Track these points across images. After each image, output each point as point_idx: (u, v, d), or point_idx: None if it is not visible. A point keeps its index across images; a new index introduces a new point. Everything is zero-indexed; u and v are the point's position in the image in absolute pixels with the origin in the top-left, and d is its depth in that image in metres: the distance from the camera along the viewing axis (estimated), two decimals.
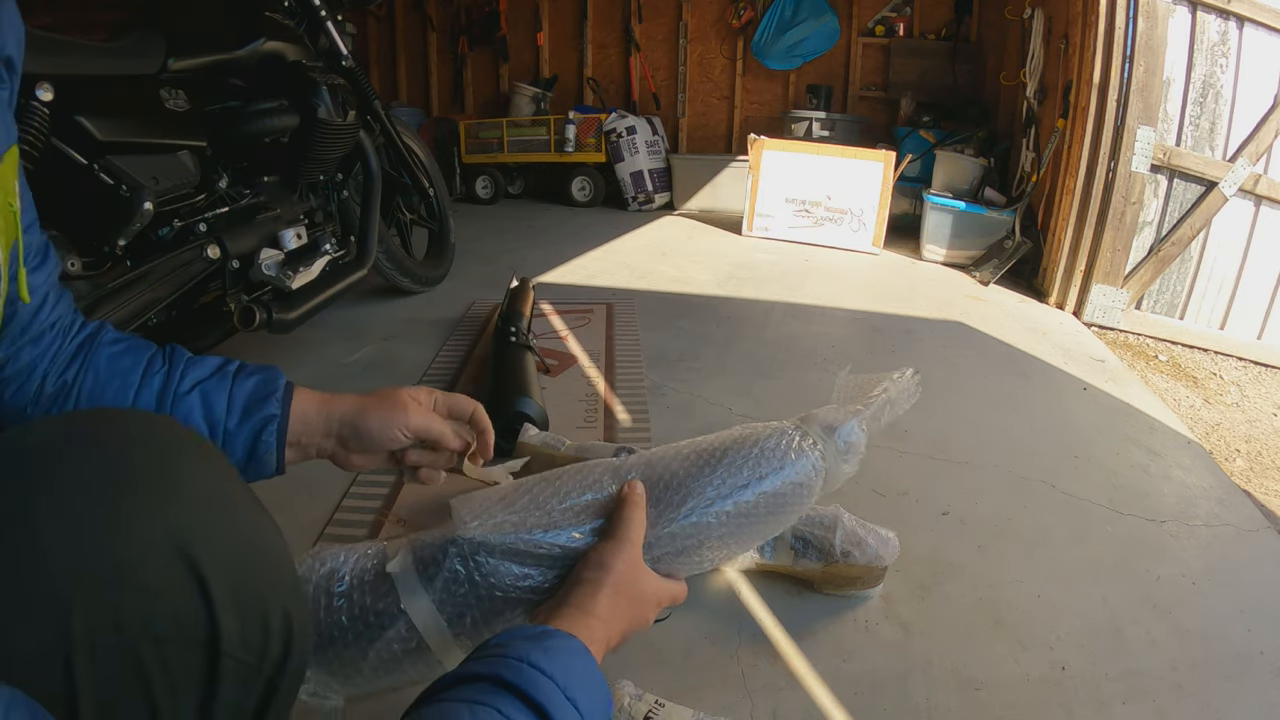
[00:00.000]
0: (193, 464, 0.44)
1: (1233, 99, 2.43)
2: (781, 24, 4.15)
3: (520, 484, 0.66)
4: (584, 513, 0.63)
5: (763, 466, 0.67)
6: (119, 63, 1.22)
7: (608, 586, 0.57)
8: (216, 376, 0.62)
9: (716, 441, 0.70)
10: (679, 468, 0.67)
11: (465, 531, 0.59)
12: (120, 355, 0.60)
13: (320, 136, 1.61)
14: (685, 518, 0.65)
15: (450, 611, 0.59)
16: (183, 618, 0.40)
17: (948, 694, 0.87)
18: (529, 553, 0.60)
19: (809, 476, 0.69)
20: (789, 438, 0.70)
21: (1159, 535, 1.21)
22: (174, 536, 0.40)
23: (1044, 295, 2.74)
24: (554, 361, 1.83)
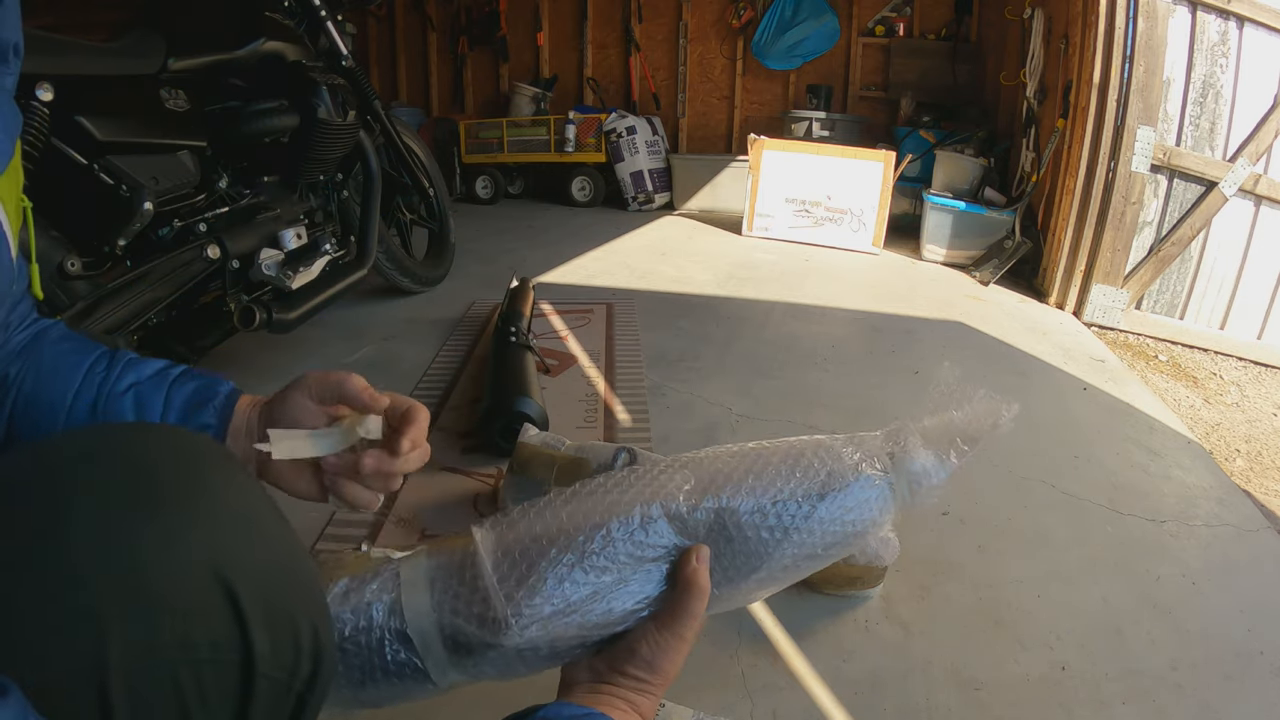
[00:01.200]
0: (221, 481, 0.43)
1: (1233, 99, 2.43)
2: (781, 24, 4.16)
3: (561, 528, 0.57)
4: (637, 580, 0.57)
5: (835, 525, 0.61)
6: (119, 63, 1.22)
7: (655, 688, 0.56)
8: (153, 379, 0.59)
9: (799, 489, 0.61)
10: (757, 532, 0.59)
11: (509, 640, 0.54)
12: (65, 354, 0.58)
13: (320, 136, 1.61)
14: (754, 586, 0.61)
15: (487, 677, 0.57)
16: (217, 638, 0.39)
17: (948, 694, 0.87)
18: (576, 639, 0.56)
19: (869, 535, 0.64)
20: (875, 493, 0.62)
21: (1159, 535, 1.21)
22: (206, 556, 0.39)
23: (1044, 295, 2.75)
24: (554, 361, 1.83)
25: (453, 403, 1.60)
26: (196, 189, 1.38)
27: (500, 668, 0.55)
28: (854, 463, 0.63)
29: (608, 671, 0.56)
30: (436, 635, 0.54)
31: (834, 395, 1.70)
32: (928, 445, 0.65)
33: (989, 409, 0.69)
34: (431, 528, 1.15)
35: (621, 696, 0.54)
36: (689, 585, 0.56)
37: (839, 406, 1.63)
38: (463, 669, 0.55)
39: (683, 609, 0.56)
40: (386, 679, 0.55)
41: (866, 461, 0.63)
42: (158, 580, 0.37)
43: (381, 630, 0.54)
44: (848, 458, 0.63)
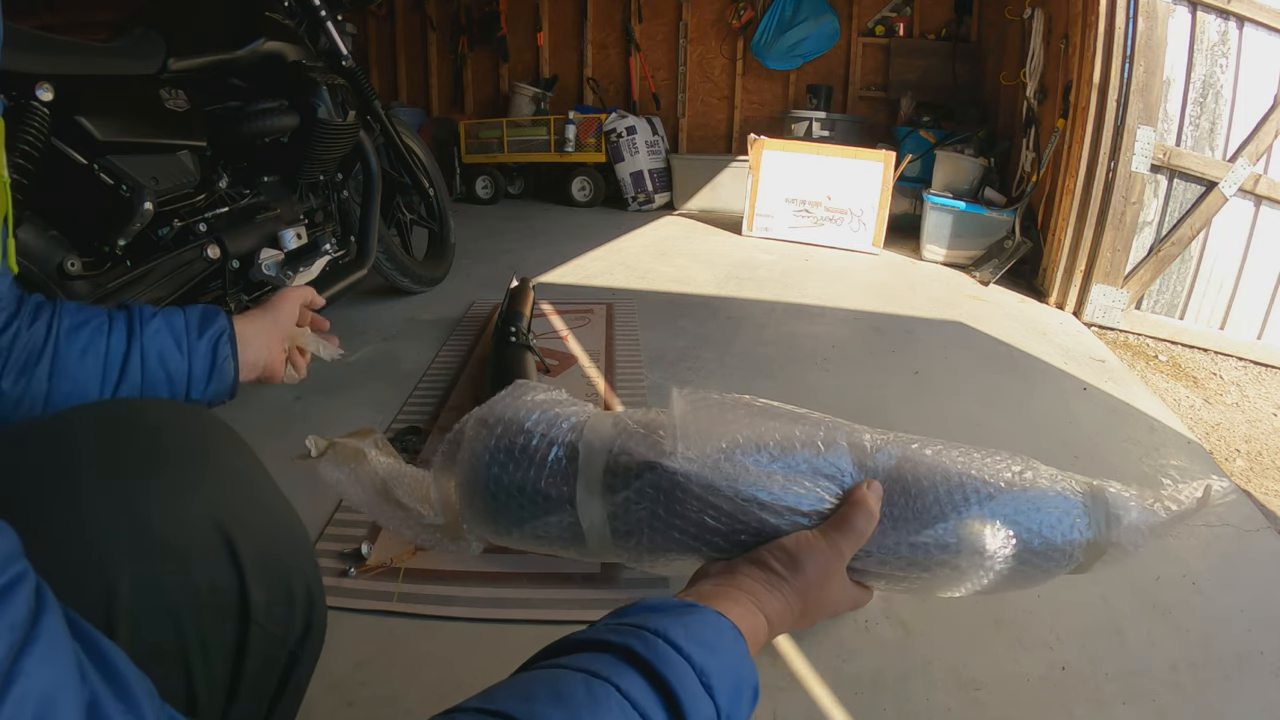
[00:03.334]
0: (221, 445, 0.46)
1: (1233, 99, 2.43)
2: (781, 24, 4.16)
3: (750, 420, 0.58)
4: (808, 487, 0.55)
5: (1025, 524, 0.57)
6: (119, 63, 1.22)
7: (791, 590, 0.50)
8: (166, 309, 0.66)
9: (989, 472, 0.60)
10: (931, 482, 0.57)
11: (671, 463, 0.53)
12: (83, 305, 0.62)
13: (320, 136, 1.61)
14: (912, 547, 0.56)
15: (620, 526, 0.55)
16: (217, 586, 0.41)
17: (948, 694, 0.87)
18: (729, 509, 0.53)
19: (1060, 559, 0.59)
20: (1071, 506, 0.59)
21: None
22: (208, 510, 0.42)
23: (1044, 295, 2.75)
24: (554, 361, 1.83)
25: (453, 403, 1.60)
26: (196, 189, 1.37)
27: (642, 508, 0.53)
28: (1050, 476, 0.61)
29: (744, 564, 0.51)
30: (602, 454, 0.55)
31: (834, 395, 1.70)
32: (1134, 498, 0.62)
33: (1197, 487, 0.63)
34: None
35: (751, 591, 0.49)
36: (858, 502, 0.53)
37: (839, 407, 1.63)
38: (609, 494, 0.54)
39: (846, 521, 0.52)
40: (537, 479, 0.55)
41: (1063, 480, 0.61)
42: (162, 529, 0.40)
43: (558, 435, 0.56)
44: (1044, 471, 0.61)
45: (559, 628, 0.95)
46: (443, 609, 0.97)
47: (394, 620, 0.95)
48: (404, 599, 0.98)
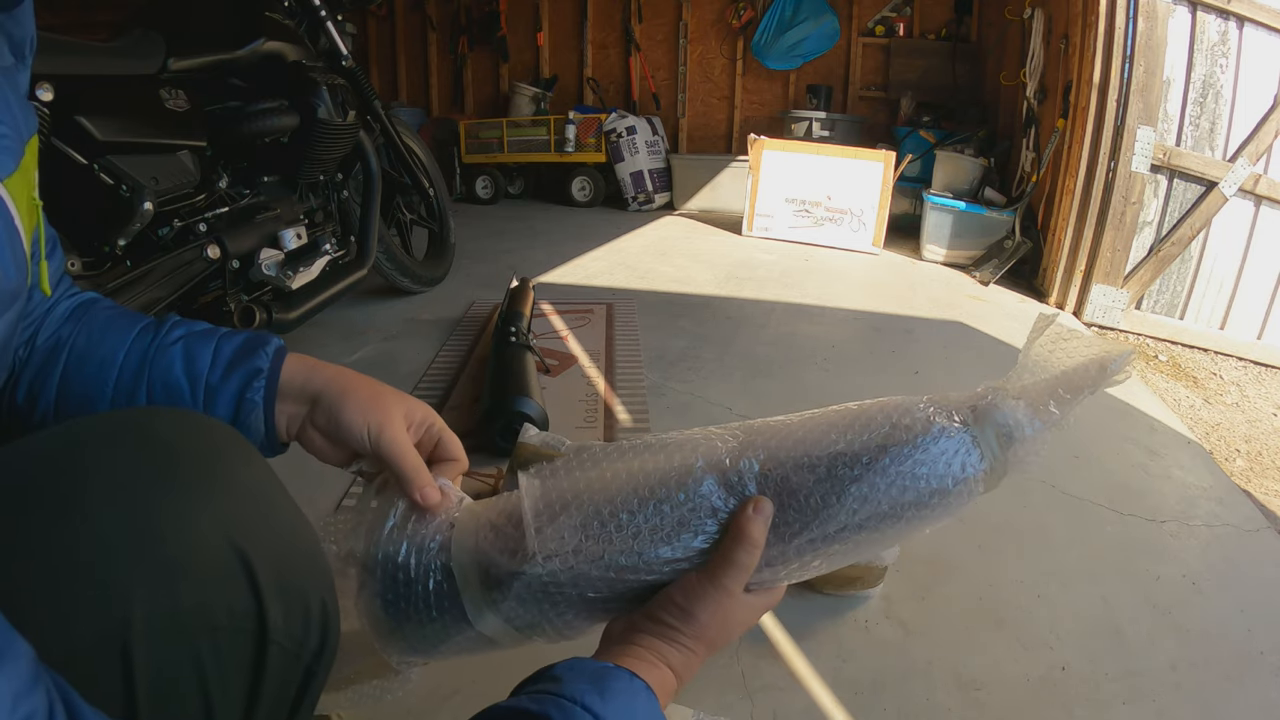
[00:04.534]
0: (236, 460, 0.45)
1: (1233, 99, 2.43)
2: (781, 24, 4.16)
3: (603, 485, 0.56)
4: (678, 534, 0.54)
5: (912, 490, 0.56)
6: (119, 63, 1.23)
7: (689, 638, 0.51)
8: (203, 333, 0.58)
9: (856, 444, 0.57)
10: (802, 481, 0.55)
11: (533, 568, 0.53)
12: (116, 317, 0.59)
13: (320, 136, 1.61)
14: (799, 551, 0.55)
15: (519, 624, 0.55)
16: (235, 610, 0.41)
17: (948, 694, 0.87)
18: (606, 586, 0.54)
19: (963, 501, 0.57)
20: (953, 448, 0.56)
21: (1159, 535, 1.21)
22: (224, 529, 0.41)
23: (1044, 295, 2.75)
24: (554, 361, 1.83)
25: (453, 403, 1.59)
26: (196, 189, 1.38)
27: (529, 608, 0.54)
28: (926, 416, 0.58)
29: (641, 620, 0.52)
30: (474, 569, 0.55)
31: (834, 395, 1.70)
32: (1021, 398, 0.58)
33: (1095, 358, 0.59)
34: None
35: (650, 648, 0.50)
36: (737, 534, 0.52)
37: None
38: (495, 606, 0.54)
39: (727, 557, 0.51)
40: (427, 610, 0.55)
41: (942, 414, 0.58)
42: (176, 550, 0.39)
43: (430, 561, 0.55)
44: (919, 412, 0.58)
45: None
46: None
47: None
48: None
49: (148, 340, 0.57)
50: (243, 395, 0.56)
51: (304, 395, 0.57)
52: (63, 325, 0.57)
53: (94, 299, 0.61)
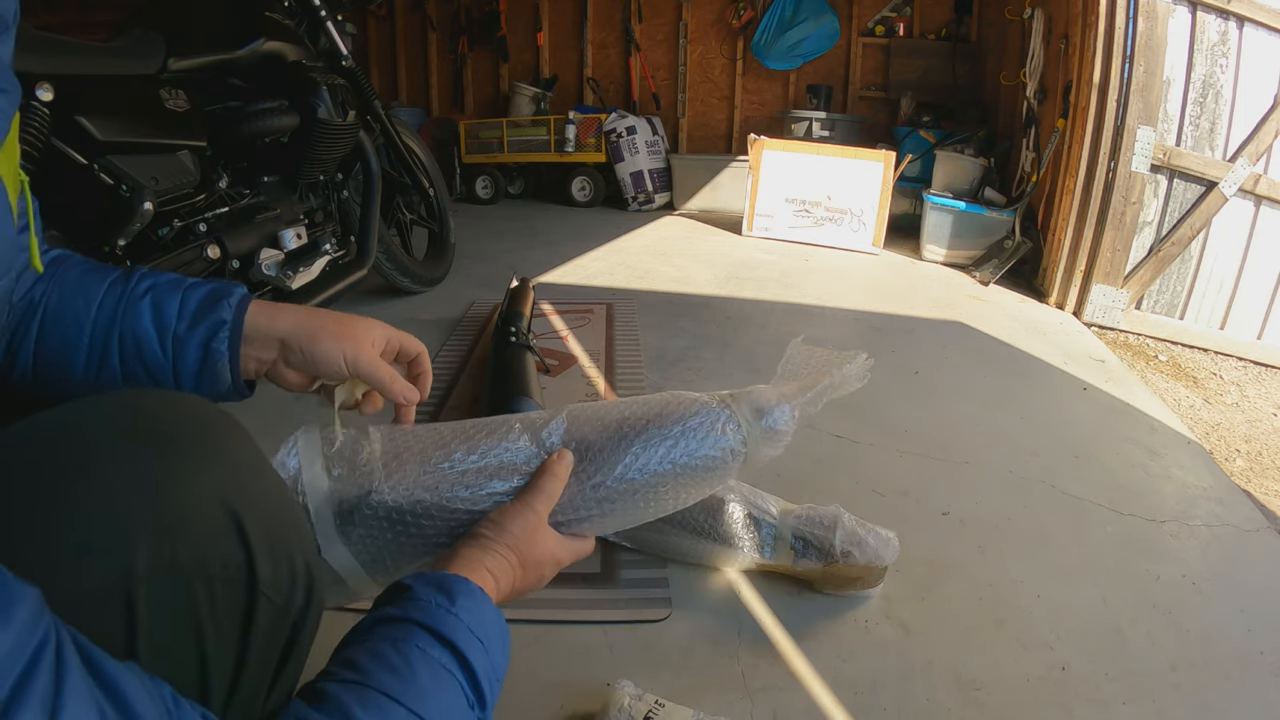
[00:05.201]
0: (225, 434, 0.48)
1: (1233, 99, 2.43)
2: (781, 24, 4.16)
3: (439, 436, 0.67)
4: (499, 473, 0.66)
5: (681, 447, 0.70)
6: (119, 63, 1.22)
7: (502, 545, 0.61)
8: (170, 283, 0.61)
9: (641, 411, 0.72)
10: (598, 437, 0.69)
11: (380, 495, 0.62)
12: (86, 273, 0.60)
13: (320, 136, 1.61)
14: (594, 490, 0.68)
15: (365, 558, 0.63)
16: (227, 559, 0.44)
17: (948, 694, 0.87)
18: (440, 513, 0.63)
19: (726, 460, 0.71)
20: (714, 418, 0.72)
21: (1159, 535, 1.21)
22: (217, 490, 0.45)
23: (1044, 295, 2.75)
24: (554, 361, 1.83)
25: (453, 403, 1.59)
26: (196, 189, 1.37)
27: (375, 537, 0.62)
28: (694, 398, 0.74)
29: (466, 538, 0.62)
30: (327, 505, 0.62)
31: None
32: (771, 390, 0.75)
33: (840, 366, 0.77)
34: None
35: (471, 557, 0.59)
36: (544, 469, 0.66)
37: (838, 406, 1.63)
38: (346, 536, 0.62)
39: (534, 485, 0.65)
40: None
41: (703, 400, 0.73)
42: (174, 508, 0.43)
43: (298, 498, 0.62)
44: (689, 396, 0.74)
45: (559, 627, 0.95)
46: None
47: None
48: None
49: (117, 293, 0.60)
50: (209, 345, 0.59)
51: (270, 340, 0.62)
52: (36, 284, 0.59)
53: (64, 255, 0.62)
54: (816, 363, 0.79)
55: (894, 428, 1.53)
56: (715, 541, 1.03)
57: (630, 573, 1.05)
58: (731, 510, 1.03)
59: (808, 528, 1.02)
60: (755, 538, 1.03)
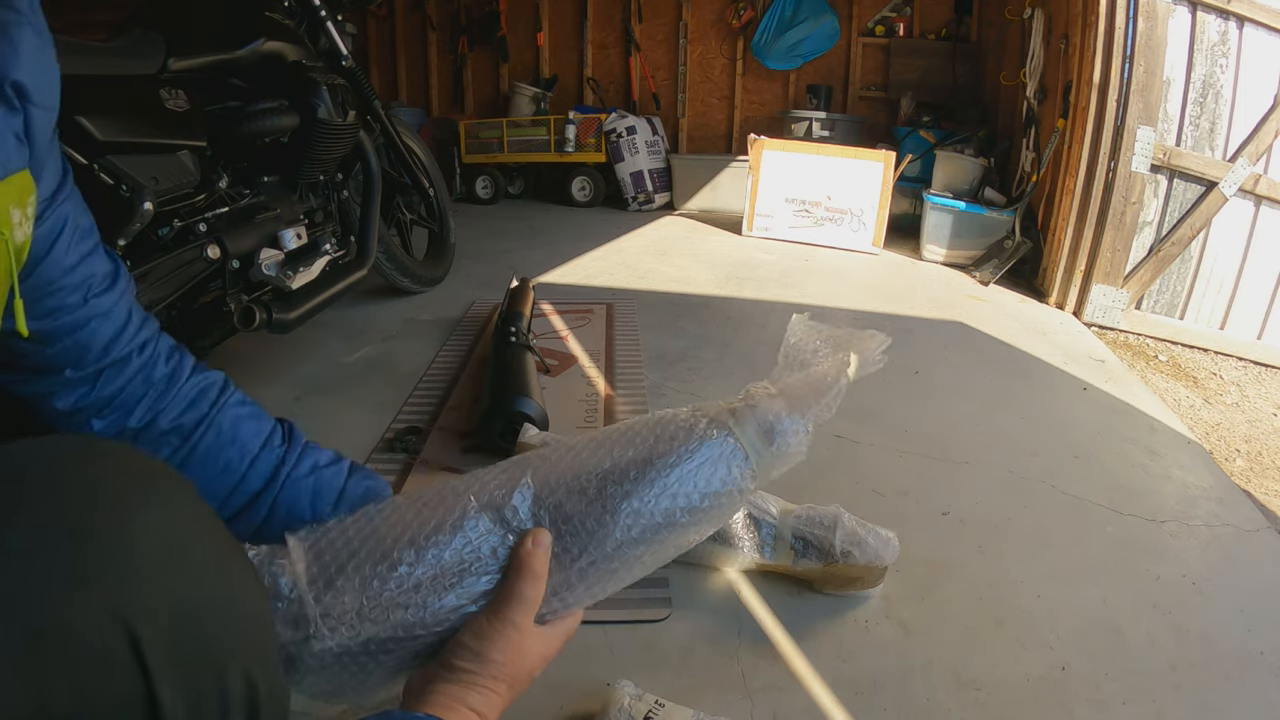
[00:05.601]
0: (152, 511, 0.40)
1: (1233, 99, 2.43)
2: (781, 24, 4.16)
3: (377, 538, 0.54)
4: (462, 578, 0.53)
5: (681, 496, 0.57)
6: (119, 63, 1.22)
7: (487, 678, 0.52)
8: (332, 467, 0.64)
9: (623, 457, 0.57)
10: (576, 504, 0.56)
11: (321, 640, 0.51)
12: (245, 419, 0.62)
13: (320, 136, 1.61)
14: (582, 574, 0.56)
15: (321, 694, 0.54)
16: (115, 690, 0.35)
17: (948, 694, 0.87)
18: (396, 645, 0.52)
19: (733, 498, 0.60)
20: (714, 452, 0.58)
21: (1159, 535, 1.21)
22: (113, 598, 0.36)
23: (1044, 295, 2.75)
24: (554, 361, 1.83)
25: (453, 403, 1.60)
26: (196, 189, 1.37)
27: (329, 679, 0.52)
28: (688, 425, 0.59)
29: (437, 669, 0.53)
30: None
31: None
32: (778, 398, 0.61)
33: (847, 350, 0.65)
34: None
35: (450, 694, 0.51)
36: (519, 567, 0.53)
37: (838, 406, 1.63)
38: (295, 684, 0.52)
39: (511, 593, 0.53)
40: None
41: (703, 423, 0.59)
42: (52, 620, 0.34)
43: None
44: (681, 421, 0.60)
45: None
46: None
47: None
48: None
49: (275, 461, 0.62)
50: None
51: None
52: (185, 412, 0.60)
53: (221, 385, 0.64)
54: (823, 344, 0.67)
55: (894, 428, 1.53)
56: (715, 541, 1.03)
57: None
58: None
59: (808, 528, 1.02)
60: (755, 538, 1.03)
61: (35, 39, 0.47)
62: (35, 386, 0.56)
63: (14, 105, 0.46)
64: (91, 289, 0.56)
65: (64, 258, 0.54)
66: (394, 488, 1.25)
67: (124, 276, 0.60)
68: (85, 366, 0.56)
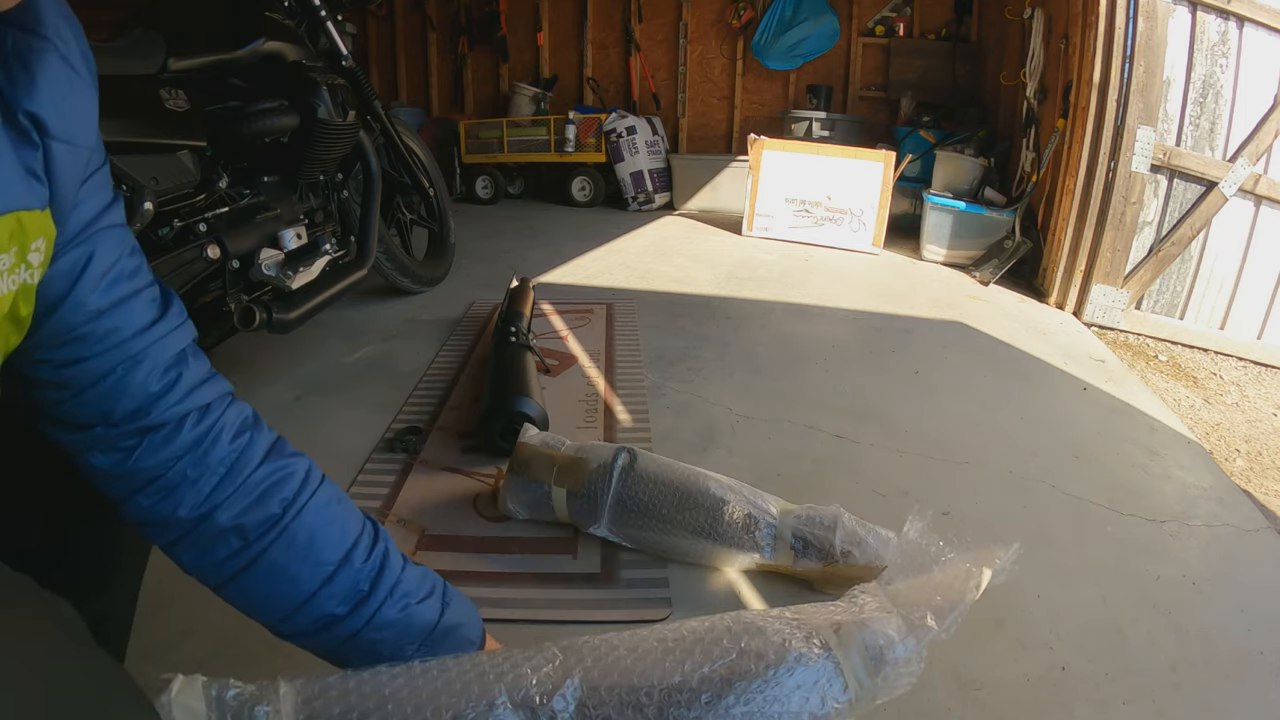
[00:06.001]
0: None
1: (1233, 99, 2.43)
2: (781, 24, 4.16)
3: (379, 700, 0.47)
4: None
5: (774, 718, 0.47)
6: (119, 63, 1.22)
7: None
8: (427, 603, 0.56)
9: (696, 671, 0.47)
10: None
11: None
12: (324, 527, 0.54)
13: (320, 136, 1.61)
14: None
15: None
16: None
17: (948, 694, 0.87)
18: None
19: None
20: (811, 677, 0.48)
21: (1159, 535, 1.21)
22: None
23: (1044, 295, 2.74)
24: (554, 361, 1.83)
25: (453, 403, 1.60)
26: (196, 189, 1.37)
27: None
28: (781, 640, 0.49)
29: None
30: None
31: (834, 395, 1.70)
32: (894, 610, 0.51)
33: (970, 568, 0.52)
34: (431, 528, 1.15)
35: None
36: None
37: (839, 406, 1.63)
38: None
39: None
40: None
41: (799, 637, 0.49)
42: None
43: None
44: (773, 633, 0.49)
45: (559, 627, 0.95)
46: None
47: None
48: None
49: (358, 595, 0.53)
50: None
51: None
52: (251, 509, 0.52)
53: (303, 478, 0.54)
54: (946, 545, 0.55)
55: (894, 428, 1.53)
56: (715, 541, 1.03)
57: (630, 573, 1.05)
58: (731, 510, 1.03)
59: (808, 528, 1.02)
60: (755, 538, 1.03)
61: (62, 69, 0.43)
62: (70, 438, 0.50)
63: (31, 139, 0.42)
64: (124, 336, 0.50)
65: (88, 299, 0.48)
66: (394, 487, 1.25)
67: (172, 320, 0.54)
68: (116, 424, 0.49)
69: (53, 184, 0.43)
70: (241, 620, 0.53)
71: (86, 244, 0.48)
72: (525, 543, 1.12)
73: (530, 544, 1.11)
